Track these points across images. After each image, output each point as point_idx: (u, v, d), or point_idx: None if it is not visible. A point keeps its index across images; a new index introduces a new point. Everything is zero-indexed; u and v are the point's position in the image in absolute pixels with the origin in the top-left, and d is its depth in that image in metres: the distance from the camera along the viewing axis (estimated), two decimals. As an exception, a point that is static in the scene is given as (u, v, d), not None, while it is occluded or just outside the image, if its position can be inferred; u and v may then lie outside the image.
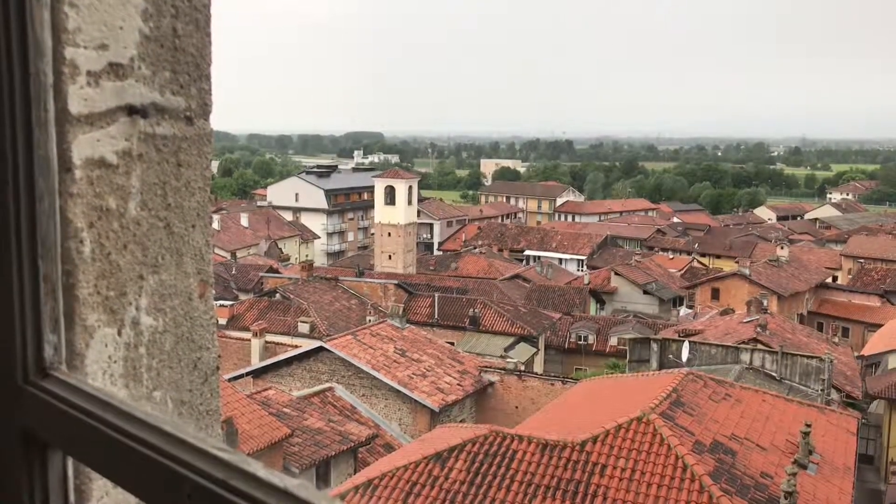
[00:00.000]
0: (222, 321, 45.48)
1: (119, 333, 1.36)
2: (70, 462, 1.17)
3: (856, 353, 47.70)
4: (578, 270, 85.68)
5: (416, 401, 33.31)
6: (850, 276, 78.86)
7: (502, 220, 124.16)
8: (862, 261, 79.90)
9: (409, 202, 78.89)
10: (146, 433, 0.96)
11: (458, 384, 35.39)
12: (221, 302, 51.01)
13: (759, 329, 42.20)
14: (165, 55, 1.39)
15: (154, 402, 1.42)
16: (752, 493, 17.60)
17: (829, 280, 74.58)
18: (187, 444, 0.92)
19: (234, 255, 77.33)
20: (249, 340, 41.21)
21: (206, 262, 1.52)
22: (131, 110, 1.35)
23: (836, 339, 53.52)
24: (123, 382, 1.37)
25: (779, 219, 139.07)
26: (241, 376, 34.34)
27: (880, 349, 44.99)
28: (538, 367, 49.08)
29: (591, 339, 54.58)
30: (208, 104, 1.48)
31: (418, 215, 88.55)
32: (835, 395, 34.86)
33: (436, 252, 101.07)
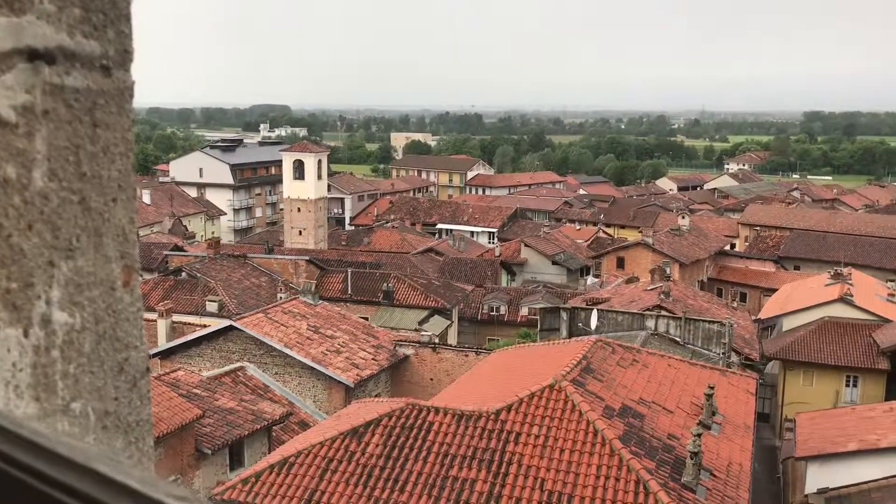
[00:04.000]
0: (126, 302, 43.88)
1: (25, 335, 1.12)
2: None
3: (753, 317, 50.00)
4: (490, 243, 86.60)
5: (330, 377, 33.09)
6: (746, 244, 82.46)
7: (414, 193, 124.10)
8: (758, 228, 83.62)
9: (319, 176, 77.74)
10: (73, 477, 0.70)
11: (373, 359, 35.33)
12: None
13: (662, 296, 43.67)
14: None
15: (72, 415, 1.17)
16: (660, 454, 18.27)
17: (728, 247, 77.77)
18: (132, 493, 0.69)
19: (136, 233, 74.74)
20: (155, 321, 39.98)
21: (130, 243, 1.27)
22: (32, 55, 1.08)
23: (735, 304, 56.05)
24: (33, 395, 1.12)
25: (679, 189, 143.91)
26: (147, 358, 33.31)
27: (775, 313, 47.27)
28: (452, 338, 49.53)
29: (504, 309, 55.37)
30: (129, 51, 1.22)
31: (328, 190, 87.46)
32: (735, 358, 36.48)
33: (347, 227, 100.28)
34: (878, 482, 23.50)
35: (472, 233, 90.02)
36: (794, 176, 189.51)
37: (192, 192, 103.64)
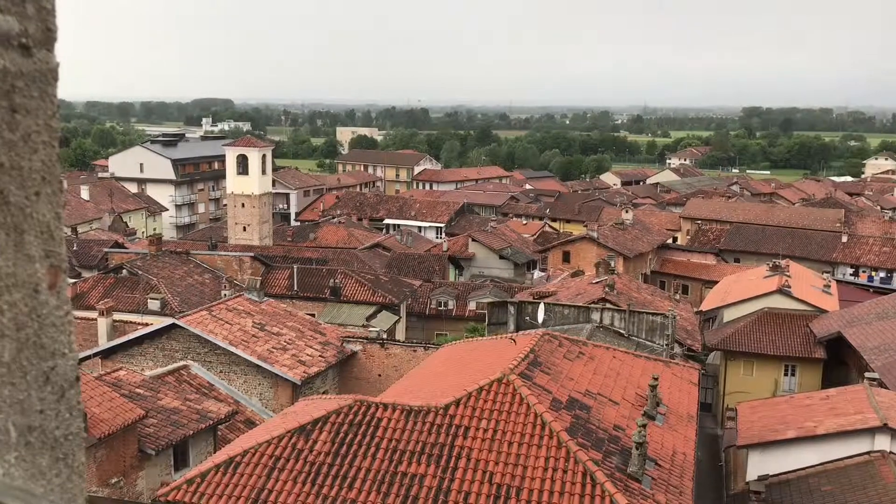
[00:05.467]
0: (64, 301, 42.65)
1: None
2: None
3: (695, 309, 51.02)
4: (437, 238, 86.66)
5: (277, 375, 32.70)
6: (688, 237, 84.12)
7: (360, 188, 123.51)
8: (699, 222, 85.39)
9: (263, 171, 76.73)
10: None
11: (321, 356, 35.02)
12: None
13: (607, 289, 44.27)
14: None
15: None
16: (607, 445, 18.50)
17: (670, 241, 79.28)
18: None
19: (74, 230, 72.98)
20: (95, 320, 38.99)
21: (56, 241, 1.12)
22: None
23: (678, 296, 57.12)
24: None
25: (623, 184, 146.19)
26: (87, 358, 32.47)
27: (716, 304, 48.31)
28: (400, 334, 49.40)
29: (451, 304, 55.47)
30: (52, 30, 1.06)
31: (273, 185, 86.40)
32: (677, 349, 37.16)
33: (293, 222, 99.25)
34: (816, 468, 24.22)
35: (419, 228, 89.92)
36: (733, 170, 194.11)
37: (133, 188, 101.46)
